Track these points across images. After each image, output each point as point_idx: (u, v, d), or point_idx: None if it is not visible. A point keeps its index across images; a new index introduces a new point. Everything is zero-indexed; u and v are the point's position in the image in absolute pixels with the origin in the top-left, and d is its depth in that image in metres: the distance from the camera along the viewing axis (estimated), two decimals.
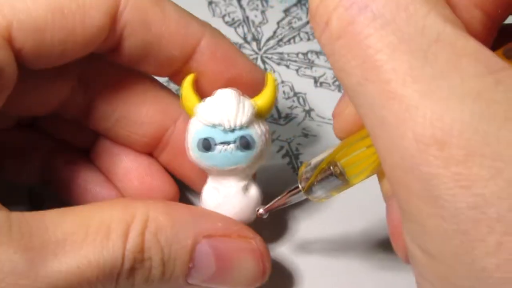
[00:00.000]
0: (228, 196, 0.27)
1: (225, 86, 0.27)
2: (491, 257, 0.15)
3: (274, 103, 0.27)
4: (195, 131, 0.26)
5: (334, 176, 0.23)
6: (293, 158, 0.33)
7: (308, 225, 0.30)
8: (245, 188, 0.27)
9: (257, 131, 0.26)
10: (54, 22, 0.24)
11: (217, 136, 0.26)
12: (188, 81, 0.27)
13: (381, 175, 0.22)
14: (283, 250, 0.29)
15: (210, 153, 0.26)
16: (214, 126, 0.25)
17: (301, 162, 0.33)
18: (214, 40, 0.27)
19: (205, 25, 0.27)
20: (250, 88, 0.27)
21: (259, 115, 0.26)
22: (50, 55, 0.25)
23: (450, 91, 0.16)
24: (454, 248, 0.16)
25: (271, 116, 0.35)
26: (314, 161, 0.24)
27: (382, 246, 0.29)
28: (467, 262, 0.16)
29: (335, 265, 0.29)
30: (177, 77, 0.28)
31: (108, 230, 0.22)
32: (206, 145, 0.26)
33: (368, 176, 0.23)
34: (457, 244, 0.16)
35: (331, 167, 0.23)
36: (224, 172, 0.26)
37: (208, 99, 0.26)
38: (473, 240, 0.15)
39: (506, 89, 0.16)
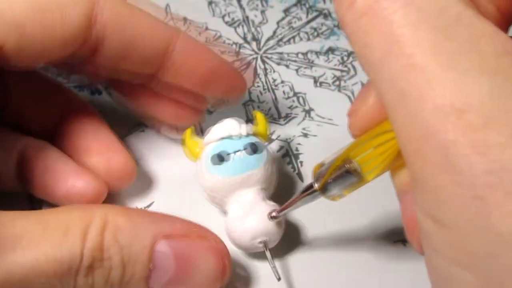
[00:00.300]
0: (251, 204, 0.27)
1: (202, 81, 0.30)
2: (507, 222, 0.15)
3: (267, 132, 0.30)
4: (207, 154, 0.28)
5: (349, 173, 0.23)
6: (293, 158, 0.33)
7: (311, 223, 0.30)
8: (263, 199, 0.28)
9: (261, 140, 0.29)
10: (35, 19, 0.25)
11: (228, 147, 0.28)
12: (188, 133, 0.30)
13: (393, 171, 0.23)
14: (288, 250, 0.29)
15: (225, 163, 0.28)
16: (223, 139, 0.28)
17: (301, 162, 0.33)
18: (188, 38, 0.30)
19: (177, 28, 0.29)
20: (225, 81, 0.30)
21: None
22: (30, 52, 0.26)
23: (469, 66, 0.17)
24: (469, 215, 0.16)
25: (271, 116, 0.35)
26: (328, 161, 0.24)
27: (384, 240, 0.29)
28: (482, 228, 0.16)
29: (339, 260, 0.29)
30: (156, 76, 0.30)
31: (66, 228, 0.22)
32: (220, 157, 0.28)
33: (382, 173, 0.23)
34: (473, 210, 0.16)
35: (346, 165, 0.23)
36: (241, 183, 0.28)
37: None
38: (489, 206, 0.16)
39: None
